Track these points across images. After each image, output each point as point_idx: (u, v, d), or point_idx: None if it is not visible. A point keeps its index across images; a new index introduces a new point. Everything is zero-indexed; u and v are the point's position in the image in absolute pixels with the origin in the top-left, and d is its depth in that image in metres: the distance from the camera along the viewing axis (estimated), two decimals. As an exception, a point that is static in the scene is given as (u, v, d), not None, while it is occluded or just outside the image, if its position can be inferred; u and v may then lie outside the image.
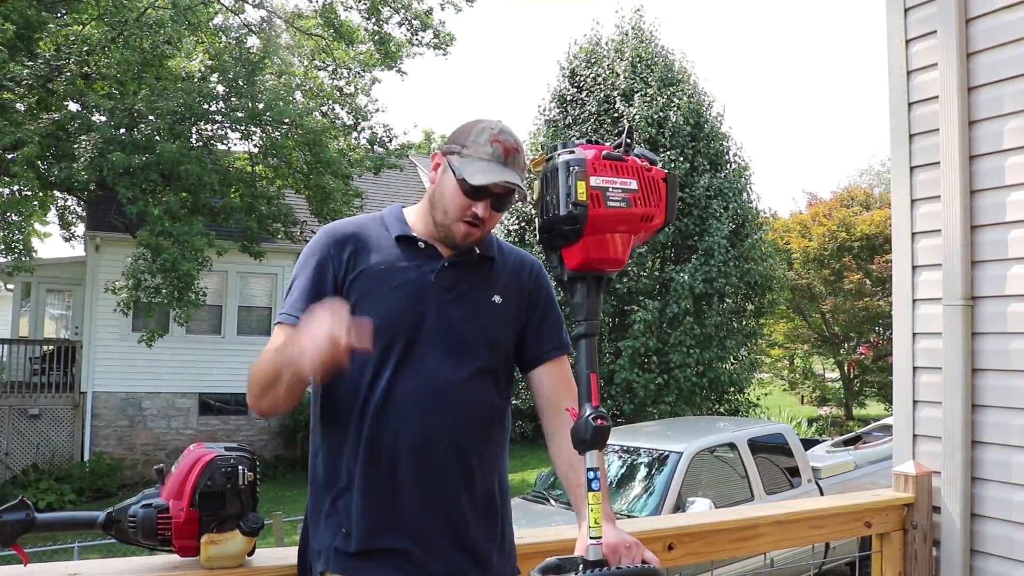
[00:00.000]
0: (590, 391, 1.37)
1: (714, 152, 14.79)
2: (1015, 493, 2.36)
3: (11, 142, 11.24)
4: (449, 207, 1.57)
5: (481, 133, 1.57)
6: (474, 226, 1.56)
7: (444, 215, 1.58)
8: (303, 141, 13.81)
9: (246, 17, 15.68)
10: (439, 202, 1.59)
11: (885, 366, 17.93)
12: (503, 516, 1.64)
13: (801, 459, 7.38)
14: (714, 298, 14.32)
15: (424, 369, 1.54)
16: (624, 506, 6.59)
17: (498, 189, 1.55)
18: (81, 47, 12.33)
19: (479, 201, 1.54)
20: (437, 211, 1.60)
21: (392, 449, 1.51)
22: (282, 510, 9.24)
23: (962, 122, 2.49)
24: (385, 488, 1.50)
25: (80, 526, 1.57)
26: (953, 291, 2.50)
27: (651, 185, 1.43)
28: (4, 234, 11.82)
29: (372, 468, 1.51)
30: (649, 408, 13.61)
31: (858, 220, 18.89)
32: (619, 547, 1.40)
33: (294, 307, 1.57)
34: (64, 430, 14.67)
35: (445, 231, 1.59)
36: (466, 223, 1.56)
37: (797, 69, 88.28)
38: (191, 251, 11.93)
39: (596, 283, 1.43)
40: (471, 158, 1.55)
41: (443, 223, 1.59)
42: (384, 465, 1.51)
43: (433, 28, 15.88)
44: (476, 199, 1.54)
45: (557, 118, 15.28)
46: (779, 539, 2.33)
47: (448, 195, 1.57)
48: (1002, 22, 2.42)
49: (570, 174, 1.36)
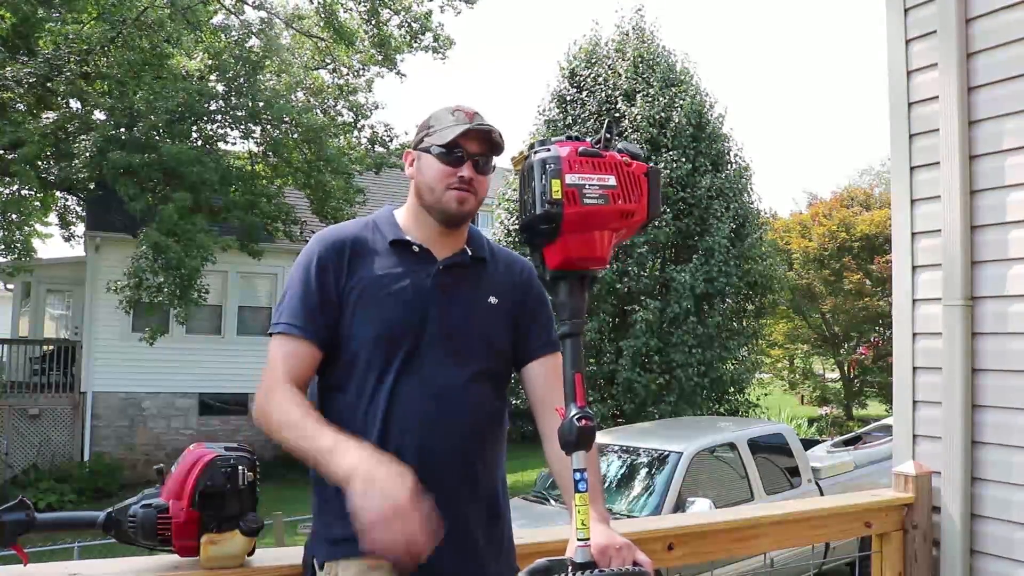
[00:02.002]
0: (575, 391, 1.35)
1: (715, 153, 14.78)
2: (1015, 493, 2.36)
3: (11, 141, 11.24)
4: (433, 182, 1.58)
5: (441, 111, 1.63)
6: (464, 191, 1.57)
7: (431, 192, 1.59)
8: (303, 139, 13.82)
9: (246, 18, 15.69)
10: (424, 184, 1.61)
11: (885, 366, 17.93)
12: (504, 517, 1.64)
13: (801, 459, 7.38)
14: (715, 298, 14.31)
15: (427, 373, 1.53)
16: (624, 506, 6.59)
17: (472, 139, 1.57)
18: (81, 46, 12.33)
19: (461, 164, 1.57)
20: (424, 194, 1.61)
21: (398, 454, 1.49)
22: (282, 510, 9.23)
23: (962, 122, 2.49)
24: None
25: (80, 526, 1.56)
26: (953, 291, 2.50)
27: (631, 180, 1.40)
28: (4, 234, 11.83)
29: None
30: (650, 408, 13.60)
31: (858, 220, 18.90)
32: (608, 549, 1.38)
33: (295, 315, 1.55)
34: (64, 430, 14.67)
35: (439, 208, 1.59)
36: (455, 189, 1.57)
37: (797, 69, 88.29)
38: (195, 248, 11.94)
39: (579, 282, 1.41)
40: (438, 130, 1.59)
41: (434, 201, 1.59)
42: None
43: (433, 31, 15.89)
44: (456, 162, 1.57)
45: (557, 118, 15.27)
46: (779, 539, 2.33)
47: (430, 172, 1.59)
48: (1002, 22, 2.42)
49: (545, 172, 1.34)
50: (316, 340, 1.54)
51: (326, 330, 1.55)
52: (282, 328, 1.55)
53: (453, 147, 1.57)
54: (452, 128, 1.57)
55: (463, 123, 1.58)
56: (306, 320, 1.54)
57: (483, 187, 1.61)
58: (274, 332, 1.56)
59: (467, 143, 1.57)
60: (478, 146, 1.58)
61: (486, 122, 1.59)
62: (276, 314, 1.58)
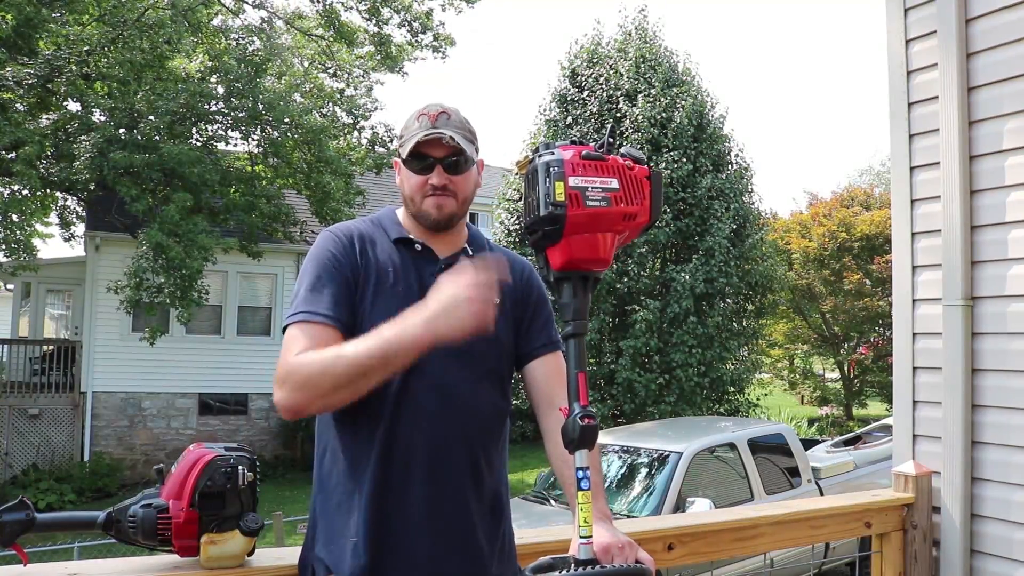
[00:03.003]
0: (578, 390, 1.37)
1: (716, 153, 14.79)
2: (1015, 493, 2.36)
3: (11, 142, 11.24)
4: (410, 192, 1.60)
5: (410, 118, 1.63)
6: (440, 195, 1.58)
7: (412, 202, 1.61)
8: (303, 140, 13.82)
9: (246, 18, 15.70)
10: (405, 194, 1.63)
11: (885, 366, 17.93)
12: (506, 517, 1.64)
13: (801, 459, 7.38)
14: (715, 298, 14.32)
15: (433, 372, 1.53)
16: (624, 506, 6.59)
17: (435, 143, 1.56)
18: (81, 47, 12.33)
19: (430, 171, 1.58)
20: (408, 203, 1.64)
21: (405, 453, 1.50)
22: (282, 510, 9.24)
23: (962, 122, 2.49)
24: (396, 491, 1.50)
25: (80, 526, 1.56)
26: (953, 291, 2.50)
27: (633, 184, 1.42)
28: (5, 234, 11.83)
29: (384, 472, 1.50)
30: (650, 408, 13.60)
31: (858, 220, 18.89)
32: (611, 547, 1.40)
33: (314, 303, 1.50)
34: (64, 430, 14.67)
35: (422, 216, 1.61)
36: (430, 196, 1.58)
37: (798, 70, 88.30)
38: (196, 249, 11.95)
39: (582, 283, 1.43)
40: (406, 140, 1.60)
41: (415, 210, 1.61)
42: (396, 469, 1.50)
43: (433, 31, 15.89)
44: (426, 170, 1.58)
45: (558, 118, 15.26)
46: (779, 539, 2.33)
47: (407, 183, 1.61)
48: (1002, 22, 2.42)
49: (549, 175, 1.37)
50: (339, 326, 1.49)
51: (348, 315, 1.51)
52: (301, 316, 1.49)
53: (418, 156, 1.58)
54: (413, 137, 1.57)
55: (425, 128, 1.57)
56: (327, 307, 1.50)
57: (464, 185, 1.61)
58: (293, 322, 1.49)
59: (432, 149, 1.57)
60: (443, 149, 1.57)
61: (440, 128, 1.57)
62: (293, 306, 1.53)
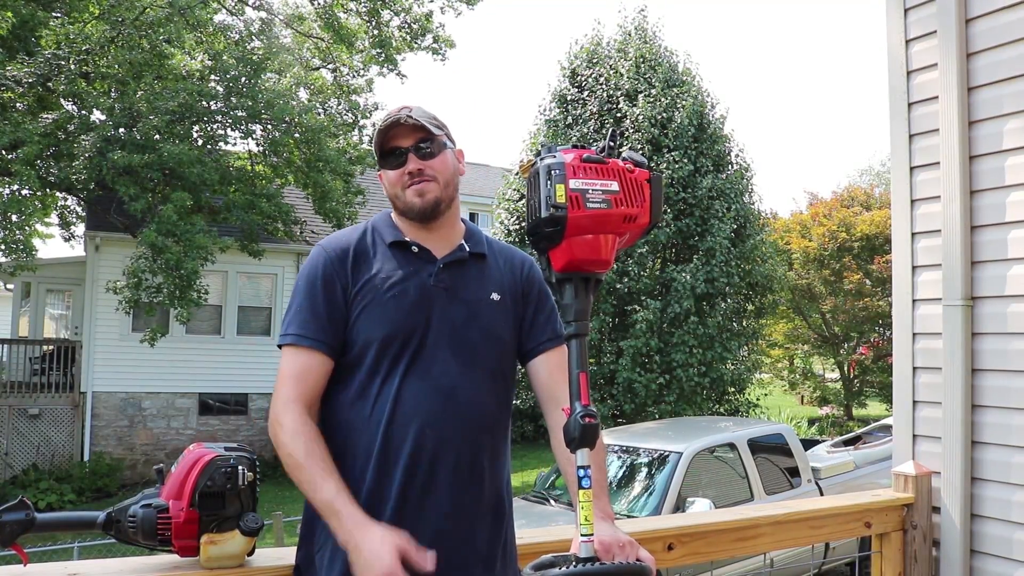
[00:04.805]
0: (580, 390, 1.38)
1: (717, 154, 14.78)
2: (1015, 493, 2.36)
3: (11, 141, 11.24)
4: (392, 189, 1.65)
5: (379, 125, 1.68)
6: (419, 182, 1.62)
7: (396, 199, 1.65)
8: (303, 139, 13.82)
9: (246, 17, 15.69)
10: (389, 195, 1.67)
11: (885, 366, 17.93)
12: (508, 517, 1.64)
13: (801, 459, 7.38)
14: (715, 298, 14.31)
15: (433, 373, 1.54)
16: (624, 506, 6.59)
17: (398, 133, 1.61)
18: (81, 46, 12.32)
19: (402, 163, 1.62)
20: (394, 202, 1.67)
21: (406, 455, 1.50)
22: (282, 510, 9.23)
23: (962, 122, 2.49)
24: (397, 494, 1.50)
25: (80, 526, 1.56)
26: (953, 291, 2.50)
27: (634, 186, 1.44)
28: (5, 234, 11.82)
29: (384, 474, 1.50)
30: (650, 408, 13.60)
31: (858, 220, 18.89)
32: (612, 545, 1.41)
33: (303, 326, 1.56)
34: (64, 430, 14.67)
35: (408, 209, 1.64)
36: (410, 186, 1.62)
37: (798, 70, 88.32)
38: (194, 249, 11.95)
39: (584, 284, 1.44)
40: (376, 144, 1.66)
41: (402, 205, 1.65)
42: (397, 470, 1.50)
43: (433, 32, 15.88)
44: (398, 164, 1.62)
45: (558, 118, 15.25)
46: (779, 539, 2.33)
47: (387, 182, 1.66)
48: (1002, 22, 2.42)
49: (550, 178, 1.38)
50: (326, 350, 1.56)
51: (335, 338, 1.57)
52: (291, 340, 1.56)
53: (387, 152, 1.63)
54: (378, 136, 1.63)
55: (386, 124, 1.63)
56: (315, 330, 1.56)
57: (442, 167, 1.64)
58: (283, 343, 1.58)
59: (398, 140, 1.62)
60: (410, 137, 1.62)
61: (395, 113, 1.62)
62: (284, 325, 1.60)
